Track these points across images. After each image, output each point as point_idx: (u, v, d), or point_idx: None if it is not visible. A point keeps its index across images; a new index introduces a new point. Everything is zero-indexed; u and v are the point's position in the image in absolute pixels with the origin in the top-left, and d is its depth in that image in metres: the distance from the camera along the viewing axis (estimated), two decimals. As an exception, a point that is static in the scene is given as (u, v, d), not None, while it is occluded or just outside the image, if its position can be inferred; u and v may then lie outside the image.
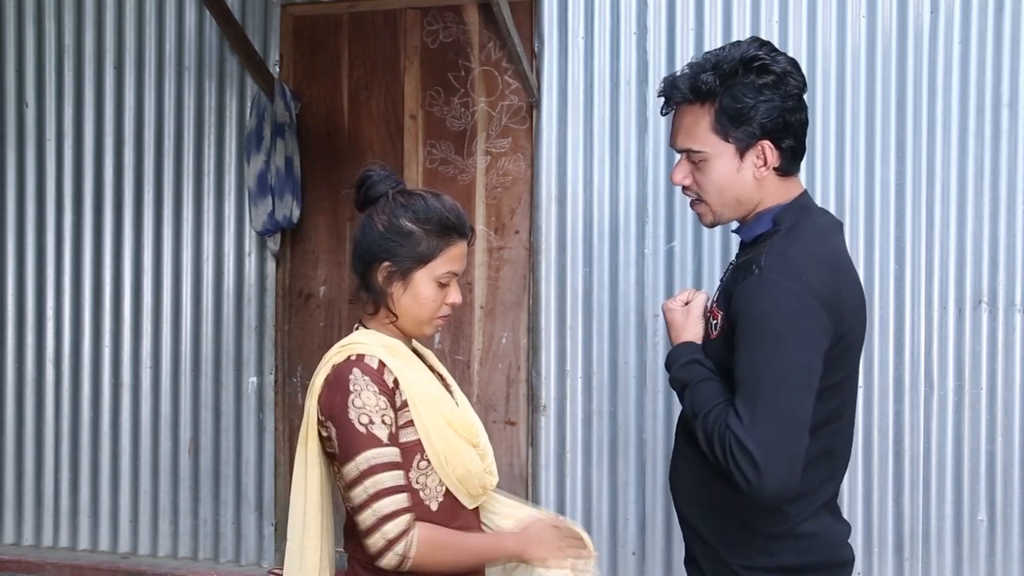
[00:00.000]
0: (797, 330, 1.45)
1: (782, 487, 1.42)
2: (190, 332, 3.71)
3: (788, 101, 1.56)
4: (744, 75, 1.55)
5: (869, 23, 3.12)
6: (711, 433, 1.48)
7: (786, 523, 1.55)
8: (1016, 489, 3.01)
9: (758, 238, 1.61)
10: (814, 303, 1.45)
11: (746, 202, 1.62)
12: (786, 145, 1.58)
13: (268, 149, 3.46)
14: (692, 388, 1.58)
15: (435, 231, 1.60)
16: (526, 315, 3.47)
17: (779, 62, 1.56)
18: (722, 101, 1.56)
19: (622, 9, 3.29)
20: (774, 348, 1.45)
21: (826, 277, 1.49)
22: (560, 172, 3.35)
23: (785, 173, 1.61)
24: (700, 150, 1.60)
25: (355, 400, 1.52)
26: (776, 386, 1.43)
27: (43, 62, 3.85)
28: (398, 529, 1.49)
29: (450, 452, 1.59)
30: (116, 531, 3.77)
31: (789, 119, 1.57)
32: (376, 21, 3.61)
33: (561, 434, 3.35)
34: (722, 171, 1.60)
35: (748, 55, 1.56)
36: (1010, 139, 3.03)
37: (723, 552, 1.61)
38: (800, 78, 1.58)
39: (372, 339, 1.62)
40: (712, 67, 1.57)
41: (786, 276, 1.47)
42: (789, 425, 1.43)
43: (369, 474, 1.50)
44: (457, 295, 1.66)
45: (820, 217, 1.63)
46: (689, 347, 1.66)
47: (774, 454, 1.40)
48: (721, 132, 1.58)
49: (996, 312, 3.03)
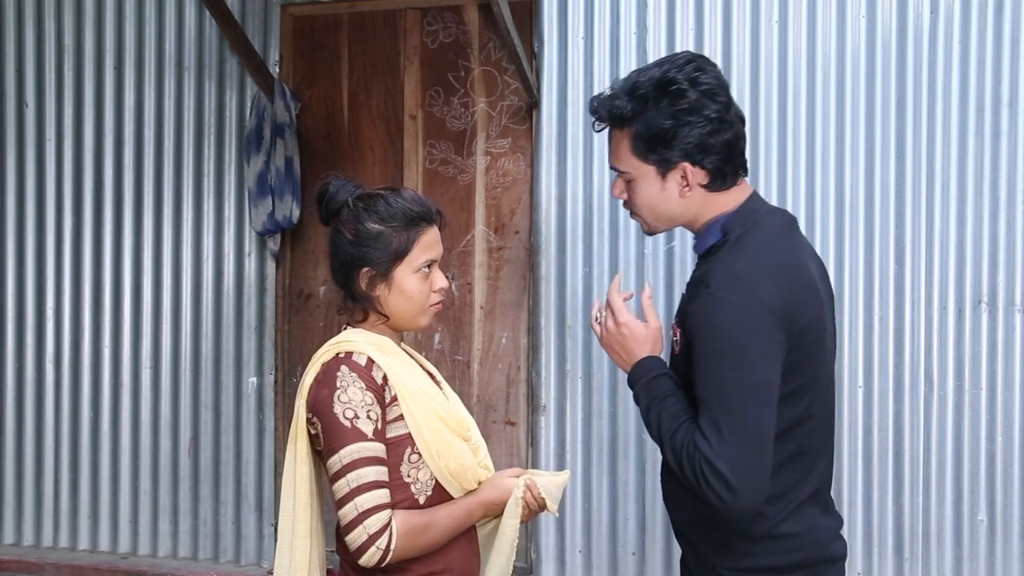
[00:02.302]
0: (752, 346, 1.47)
1: (754, 502, 1.46)
2: (190, 332, 3.71)
3: (707, 125, 1.54)
4: (658, 100, 1.54)
5: (869, 23, 3.12)
6: (680, 453, 1.51)
7: (764, 524, 1.56)
8: (1016, 489, 3.01)
9: (710, 249, 1.62)
10: (765, 316, 1.47)
11: (678, 217, 1.64)
12: (710, 165, 1.57)
13: (268, 149, 3.46)
14: (657, 405, 1.60)
15: (403, 225, 1.61)
16: (526, 315, 3.47)
17: (700, 84, 1.54)
18: (637, 127, 1.57)
19: (622, 9, 3.29)
20: (732, 367, 1.47)
21: (774, 287, 1.49)
22: (560, 172, 3.35)
23: (717, 189, 1.60)
24: (625, 171, 1.62)
25: (341, 396, 1.53)
26: (739, 405, 1.46)
27: (43, 62, 3.85)
28: (380, 523, 1.49)
29: (442, 446, 1.60)
30: (116, 531, 3.77)
31: (709, 142, 1.55)
32: (376, 21, 3.61)
33: (561, 434, 3.35)
34: (647, 191, 1.62)
35: (665, 78, 1.54)
36: (1010, 139, 3.03)
37: (708, 555, 1.62)
38: (723, 99, 1.55)
39: (361, 337, 1.63)
40: (627, 92, 1.58)
41: (735, 293, 1.48)
42: (756, 442, 1.46)
43: (352, 468, 1.50)
44: (442, 280, 1.67)
45: (770, 219, 1.62)
46: (651, 362, 1.67)
47: (745, 473, 1.44)
48: (640, 155, 1.59)
49: (996, 312, 3.03)
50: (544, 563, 3.34)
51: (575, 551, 3.32)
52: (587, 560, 3.32)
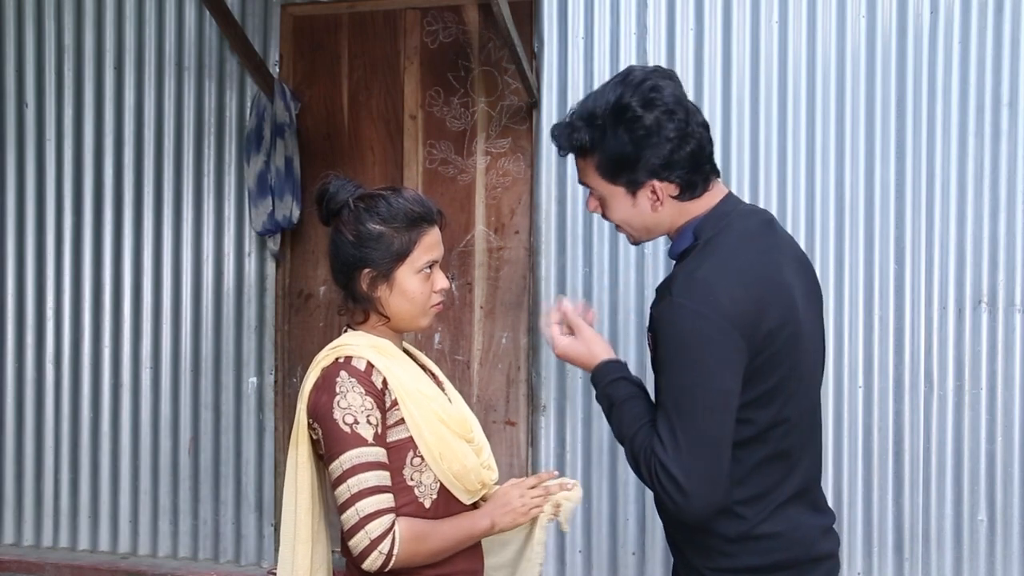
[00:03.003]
0: (708, 353, 1.47)
1: (706, 506, 1.48)
2: (190, 332, 3.71)
3: (667, 144, 1.53)
4: (615, 127, 1.54)
5: (869, 23, 3.12)
6: (638, 456, 1.54)
7: (743, 525, 1.56)
8: (1016, 489, 3.01)
9: (682, 254, 1.62)
10: (723, 323, 1.46)
11: (655, 228, 1.65)
12: (677, 179, 1.57)
13: (268, 149, 3.46)
14: (618, 408, 1.61)
15: (404, 226, 1.60)
16: (526, 315, 3.47)
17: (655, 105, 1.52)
18: (599, 155, 1.57)
19: (622, 9, 3.29)
20: (688, 373, 1.48)
21: (737, 293, 1.49)
22: (560, 172, 3.35)
23: (689, 198, 1.60)
24: (594, 189, 1.64)
25: (340, 401, 1.53)
26: (693, 411, 1.47)
27: (43, 62, 3.85)
28: (381, 528, 1.49)
29: (444, 448, 1.60)
30: (116, 531, 3.77)
31: (673, 159, 1.54)
32: (376, 21, 3.61)
33: (561, 434, 3.35)
34: (620, 208, 1.63)
35: (620, 105, 1.53)
36: (1010, 139, 3.03)
37: (691, 556, 1.64)
38: (680, 116, 1.53)
39: (360, 340, 1.62)
40: (586, 121, 1.57)
41: (694, 299, 1.48)
42: (709, 448, 1.47)
43: (352, 473, 1.50)
44: (443, 280, 1.67)
45: (742, 222, 1.61)
46: (611, 365, 1.68)
47: (697, 477, 1.46)
48: (607, 177, 1.59)
49: (996, 312, 3.03)
50: (544, 563, 3.34)
51: (575, 551, 3.32)
52: (587, 560, 3.32)
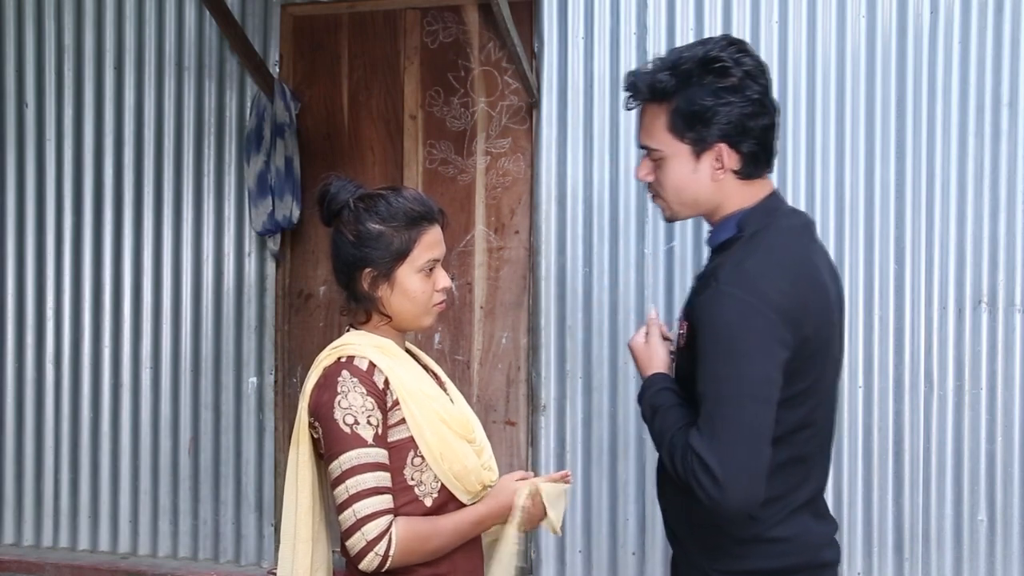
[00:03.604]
0: (754, 343, 1.45)
1: (743, 501, 1.42)
2: (190, 332, 3.71)
3: (748, 106, 1.52)
4: (702, 77, 1.52)
5: (869, 23, 3.12)
6: (674, 452, 1.50)
7: (756, 528, 1.54)
8: (1016, 489, 3.01)
9: (724, 244, 1.60)
10: (771, 314, 1.44)
11: (704, 202, 1.61)
12: (745, 149, 1.55)
13: (268, 149, 3.46)
14: (661, 414, 1.60)
15: (404, 225, 1.60)
16: (526, 315, 3.47)
17: (742, 64, 1.52)
18: (678, 102, 1.54)
19: (622, 9, 3.29)
20: (732, 363, 1.45)
21: (785, 287, 1.47)
22: (560, 172, 3.35)
23: (747, 176, 1.58)
24: (657, 148, 1.59)
25: (341, 401, 1.53)
26: (735, 401, 1.43)
27: (43, 62, 3.85)
28: (378, 529, 1.49)
29: (445, 448, 1.60)
30: (116, 531, 3.77)
31: (748, 124, 1.53)
32: (376, 21, 3.61)
33: (561, 434, 3.35)
34: (678, 171, 1.58)
35: (709, 56, 1.52)
36: (1010, 139, 3.03)
37: (697, 556, 1.61)
38: (764, 82, 1.54)
39: (363, 340, 1.62)
40: (671, 66, 1.54)
41: (742, 288, 1.46)
42: (749, 440, 1.43)
43: (351, 474, 1.50)
44: (445, 279, 1.66)
45: (787, 220, 1.60)
46: (660, 378, 1.67)
47: (735, 469, 1.41)
48: (676, 133, 1.56)
49: (996, 312, 3.03)
50: (544, 563, 3.34)
51: (575, 551, 3.32)
52: (587, 560, 3.32)
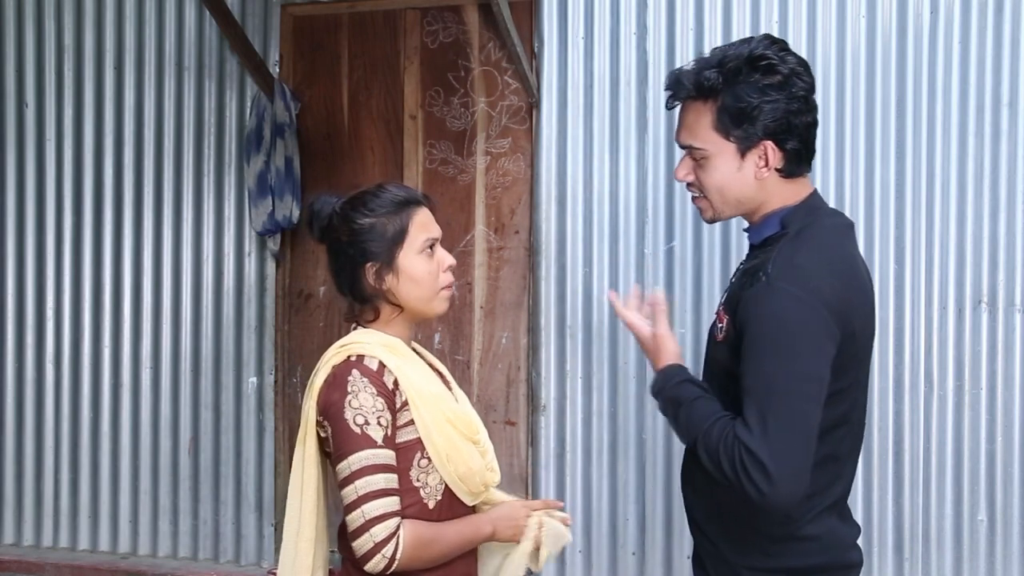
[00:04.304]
0: (806, 338, 1.44)
1: (791, 496, 1.42)
2: (190, 332, 3.71)
3: (793, 103, 1.53)
4: (748, 74, 1.53)
5: (869, 23, 3.11)
6: (716, 446, 1.47)
7: (788, 526, 1.54)
8: (1016, 489, 3.01)
9: (766, 241, 1.60)
10: (822, 309, 1.44)
11: (747, 202, 1.61)
12: (790, 147, 1.56)
13: (268, 149, 3.46)
14: (687, 407, 1.57)
15: (392, 211, 1.63)
16: (526, 315, 3.47)
17: (787, 62, 1.54)
18: (724, 99, 1.54)
19: (622, 9, 3.29)
20: (783, 357, 1.43)
21: (834, 282, 1.47)
22: (560, 172, 3.35)
23: (790, 175, 1.58)
24: (701, 147, 1.59)
25: (352, 401, 1.52)
26: (786, 396, 1.42)
27: (43, 62, 3.84)
28: (387, 531, 1.49)
29: (451, 450, 1.60)
30: (116, 531, 3.77)
31: (793, 121, 1.54)
32: (376, 21, 3.61)
33: (561, 434, 3.35)
34: (722, 170, 1.58)
35: (755, 53, 1.54)
36: (1010, 139, 3.02)
37: (726, 552, 1.61)
38: (809, 80, 1.56)
39: (371, 338, 1.62)
40: (717, 64, 1.55)
41: (793, 283, 1.46)
42: (800, 435, 1.42)
43: (361, 475, 1.50)
44: (449, 257, 1.68)
45: (830, 219, 1.61)
46: (677, 369, 1.65)
47: (785, 464, 1.40)
48: (722, 130, 1.56)
49: (996, 312, 3.03)
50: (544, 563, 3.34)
51: (575, 551, 3.32)
52: (587, 560, 3.32)
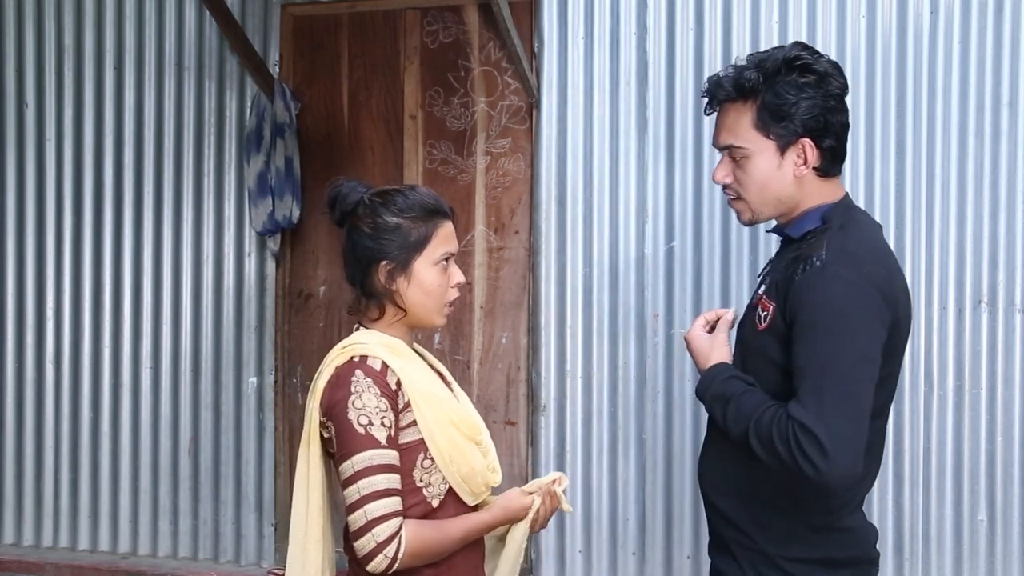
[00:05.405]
0: (861, 321, 1.49)
1: (847, 473, 1.44)
2: (190, 332, 3.71)
3: (829, 101, 1.61)
4: (787, 73, 1.61)
5: (869, 23, 3.11)
6: (769, 430, 1.49)
7: (829, 515, 1.58)
8: (1016, 489, 3.01)
9: (806, 235, 1.65)
10: (876, 294, 1.50)
11: (786, 200, 1.67)
12: (826, 145, 1.62)
13: (268, 149, 3.46)
14: (736, 400, 1.59)
15: (421, 217, 1.63)
16: (526, 315, 3.47)
17: (821, 63, 1.62)
18: (764, 97, 1.61)
19: (622, 9, 3.29)
20: (839, 338, 1.48)
21: (882, 271, 1.54)
22: (560, 172, 3.35)
23: (825, 174, 1.65)
24: (742, 146, 1.65)
25: (355, 401, 1.52)
26: (842, 375, 1.46)
27: (43, 62, 3.85)
28: (389, 532, 1.49)
29: (454, 450, 1.60)
30: (116, 531, 3.77)
31: (830, 119, 1.61)
32: (376, 21, 3.61)
33: (561, 434, 3.35)
34: (763, 168, 1.64)
35: (791, 55, 1.61)
36: (1010, 139, 3.02)
37: (761, 542, 1.62)
38: (842, 80, 1.63)
39: (374, 339, 1.62)
40: (756, 65, 1.63)
41: (848, 268, 1.51)
42: (856, 413, 1.46)
43: (363, 475, 1.50)
44: (460, 274, 1.69)
45: (865, 216, 1.70)
46: (724, 367, 1.68)
47: (842, 441, 1.43)
48: (763, 128, 1.62)
49: (996, 312, 3.03)
50: (544, 563, 3.34)
51: (575, 551, 3.32)
52: (587, 560, 3.32)
